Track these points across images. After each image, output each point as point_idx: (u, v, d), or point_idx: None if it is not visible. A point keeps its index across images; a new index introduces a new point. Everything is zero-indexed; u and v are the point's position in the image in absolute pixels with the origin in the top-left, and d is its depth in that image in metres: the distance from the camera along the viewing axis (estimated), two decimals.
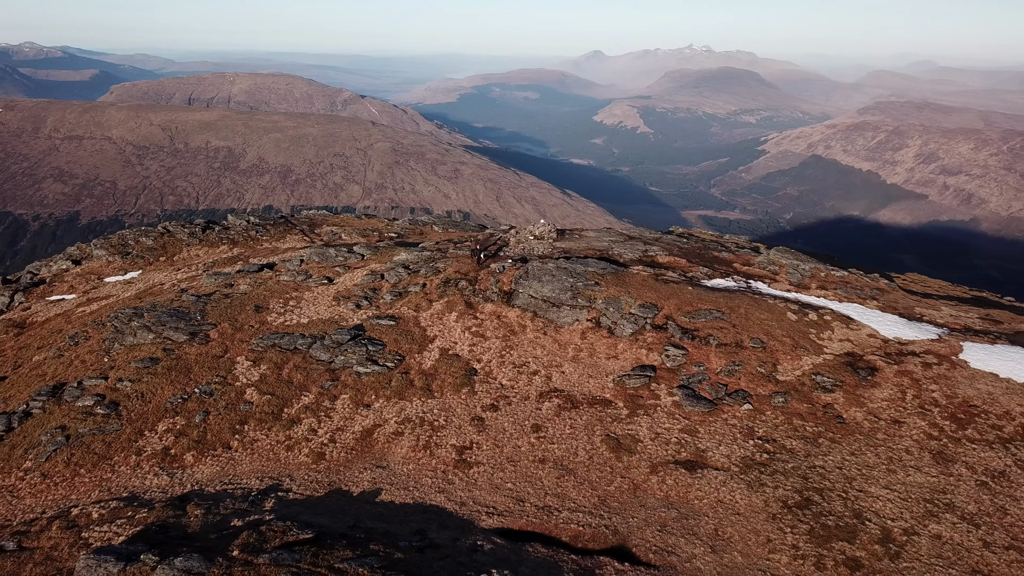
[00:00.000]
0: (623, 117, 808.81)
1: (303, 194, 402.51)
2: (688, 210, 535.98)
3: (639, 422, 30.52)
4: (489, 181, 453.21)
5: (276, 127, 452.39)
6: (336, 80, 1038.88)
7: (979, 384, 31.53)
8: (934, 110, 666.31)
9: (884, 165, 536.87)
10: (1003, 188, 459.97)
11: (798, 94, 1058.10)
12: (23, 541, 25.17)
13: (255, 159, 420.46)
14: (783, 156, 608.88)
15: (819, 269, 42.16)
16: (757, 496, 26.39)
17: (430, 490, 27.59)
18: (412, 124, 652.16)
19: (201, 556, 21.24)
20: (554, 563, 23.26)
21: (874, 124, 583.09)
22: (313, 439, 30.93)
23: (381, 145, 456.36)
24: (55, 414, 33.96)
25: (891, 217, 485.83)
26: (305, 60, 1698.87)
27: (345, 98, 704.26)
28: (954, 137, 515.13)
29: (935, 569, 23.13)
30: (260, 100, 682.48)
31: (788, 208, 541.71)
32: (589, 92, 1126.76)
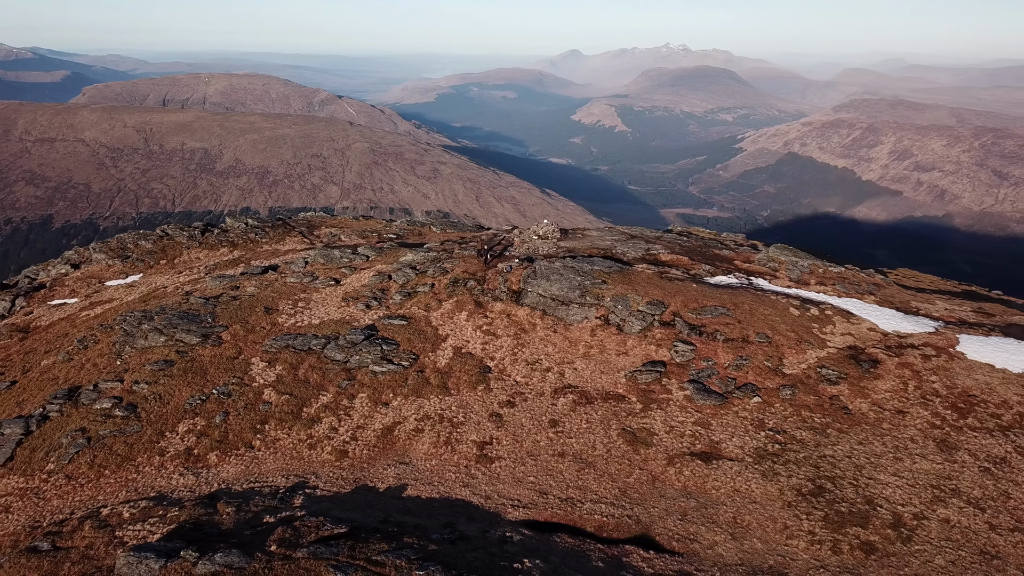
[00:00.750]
0: (601, 116, 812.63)
1: (281, 195, 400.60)
2: (667, 208, 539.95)
3: (653, 416, 31.49)
4: (468, 181, 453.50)
5: (253, 128, 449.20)
6: (312, 80, 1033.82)
7: (977, 375, 32.79)
8: (907, 107, 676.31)
9: (859, 162, 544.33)
10: (975, 184, 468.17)
11: (774, 92, 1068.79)
12: (56, 541, 25.53)
13: (232, 160, 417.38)
14: (760, 154, 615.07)
15: (817, 265, 43.44)
16: (772, 485, 27.42)
17: (455, 485, 28.35)
18: (390, 124, 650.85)
19: (240, 551, 21.81)
20: (582, 552, 24.11)
21: (849, 122, 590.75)
22: (335, 437, 31.57)
23: (359, 145, 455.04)
24: (73, 417, 34.26)
25: (866, 213, 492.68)
26: (280, 60, 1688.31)
27: (322, 98, 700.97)
28: (927, 134, 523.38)
29: (946, 551, 24.24)
30: (236, 101, 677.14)
31: (765, 205, 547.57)
32: (567, 91, 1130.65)
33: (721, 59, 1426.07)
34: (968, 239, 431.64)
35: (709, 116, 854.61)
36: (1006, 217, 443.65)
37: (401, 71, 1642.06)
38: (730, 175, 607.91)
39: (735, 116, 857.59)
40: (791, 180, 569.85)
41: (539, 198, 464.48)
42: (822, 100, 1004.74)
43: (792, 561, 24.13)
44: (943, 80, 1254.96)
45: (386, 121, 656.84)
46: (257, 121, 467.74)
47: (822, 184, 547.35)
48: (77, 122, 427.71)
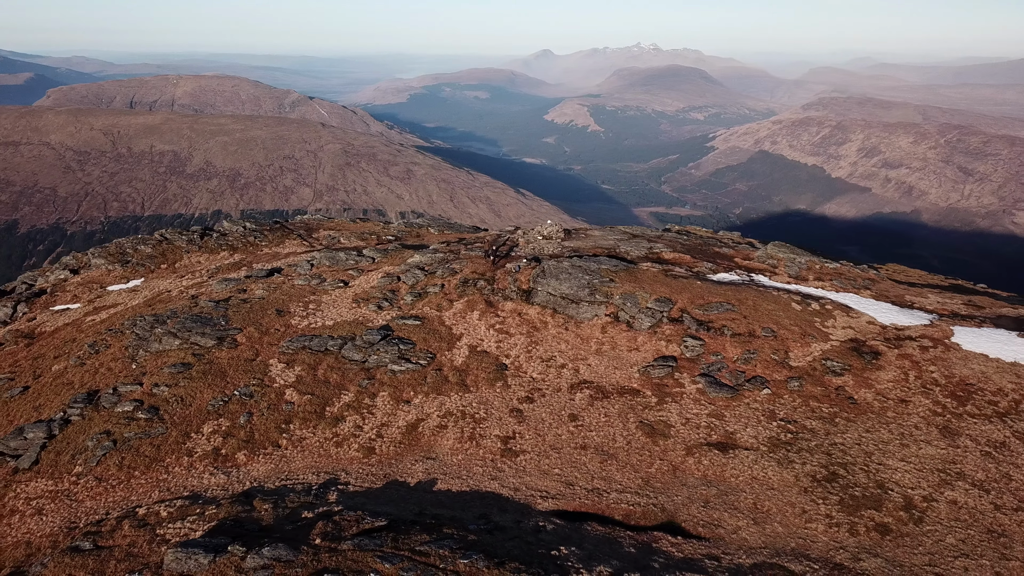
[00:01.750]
0: (574, 116, 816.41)
1: (253, 198, 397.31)
2: (640, 207, 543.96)
3: (669, 409, 32.69)
4: (442, 181, 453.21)
5: (223, 130, 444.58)
6: (283, 81, 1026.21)
7: (972, 364, 34.39)
8: (875, 105, 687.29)
9: (829, 159, 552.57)
10: (942, 180, 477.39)
11: (744, 91, 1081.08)
12: (97, 541, 26.07)
13: (202, 163, 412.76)
14: (731, 152, 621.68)
15: (814, 262, 44.99)
16: (787, 472, 28.72)
17: (483, 478, 29.31)
18: (362, 125, 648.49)
19: (286, 545, 22.62)
20: (613, 539, 25.20)
21: (818, 119, 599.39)
22: (360, 435, 32.36)
23: (331, 147, 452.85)
24: (95, 420, 34.68)
25: (836, 210, 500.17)
26: (249, 61, 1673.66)
27: (293, 99, 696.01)
28: (894, 131, 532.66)
29: (956, 531, 25.67)
30: (205, 103, 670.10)
31: (738, 203, 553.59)
32: (539, 91, 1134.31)
33: (692, 58, 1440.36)
34: (935, 234, 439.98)
35: (681, 115, 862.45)
36: (972, 212, 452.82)
37: (373, 72, 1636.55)
38: (702, 173, 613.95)
39: (706, 115, 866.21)
40: (762, 178, 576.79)
41: (513, 198, 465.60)
42: (791, 98, 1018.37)
43: (813, 543, 25.43)
44: (910, 78, 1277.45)
45: (358, 122, 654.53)
46: (227, 123, 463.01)
47: (793, 182, 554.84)
48: (42, 125, 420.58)
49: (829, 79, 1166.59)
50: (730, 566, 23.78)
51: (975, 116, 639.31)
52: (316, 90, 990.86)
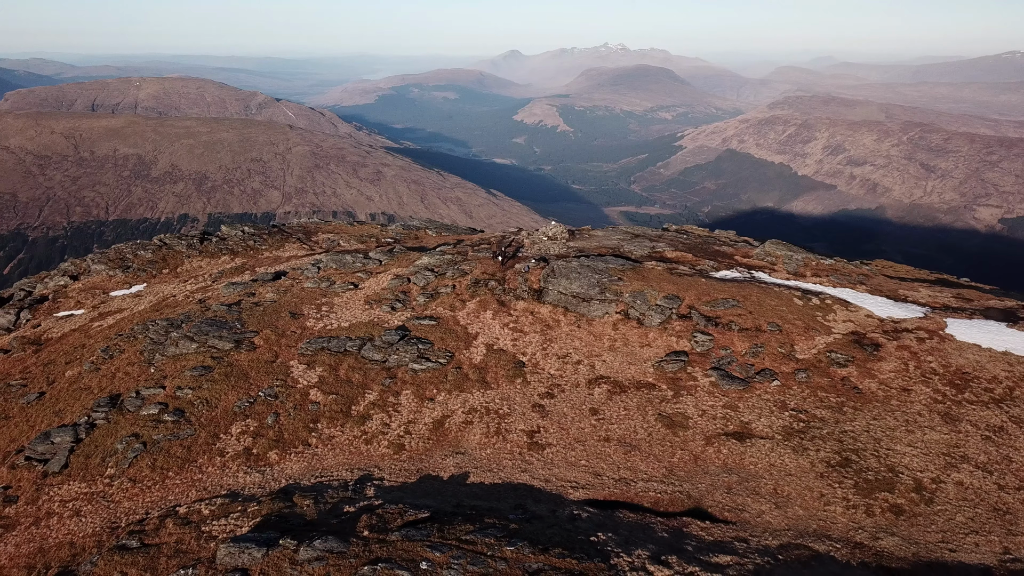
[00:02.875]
0: (543, 116, 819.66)
1: (220, 201, 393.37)
2: (610, 207, 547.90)
3: (685, 401, 34.11)
4: (413, 183, 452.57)
5: (189, 133, 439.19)
6: (248, 83, 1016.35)
7: (967, 354, 36.25)
8: (839, 104, 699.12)
9: (795, 157, 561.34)
10: (905, 177, 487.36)
11: (710, 90, 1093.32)
12: (144, 539, 26.77)
13: (167, 166, 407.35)
14: (699, 151, 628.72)
15: (810, 259, 46.78)
16: (803, 458, 30.25)
17: (513, 470, 30.45)
18: (330, 127, 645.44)
19: (336, 537, 23.60)
20: (646, 525, 26.50)
21: (784, 118, 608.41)
22: (389, 432, 33.33)
23: (300, 149, 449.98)
24: (121, 423, 35.21)
25: (803, 207, 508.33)
26: (213, 63, 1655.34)
27: (260, 101, 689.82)
28: (858, 129, 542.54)
29: (964, 510, 27.37)
30: (170, 105, 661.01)
31: (706, 201, 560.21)
32: (508, 91, 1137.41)
33: (659, 58, 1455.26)
34: (899, 230, 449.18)
35: (649, 115, 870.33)
36: (934, 208, 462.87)
37: (340, 73, 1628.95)
38: (671, 172, 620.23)
39: (674, 114, 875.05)
40: (730, 176, 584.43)
41: (485, 199, 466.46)
42: (757, 97, 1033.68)
43: (832, 524, 26.96)
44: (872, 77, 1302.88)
45: (326, 124, 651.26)
46: (193, 125, 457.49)
47: (760, 180, 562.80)
48: (0, 129, 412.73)
49: (794, 78, 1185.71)
50: (759, 547, 25.16)
51: (935, 114, 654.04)
52: (282, 92, 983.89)
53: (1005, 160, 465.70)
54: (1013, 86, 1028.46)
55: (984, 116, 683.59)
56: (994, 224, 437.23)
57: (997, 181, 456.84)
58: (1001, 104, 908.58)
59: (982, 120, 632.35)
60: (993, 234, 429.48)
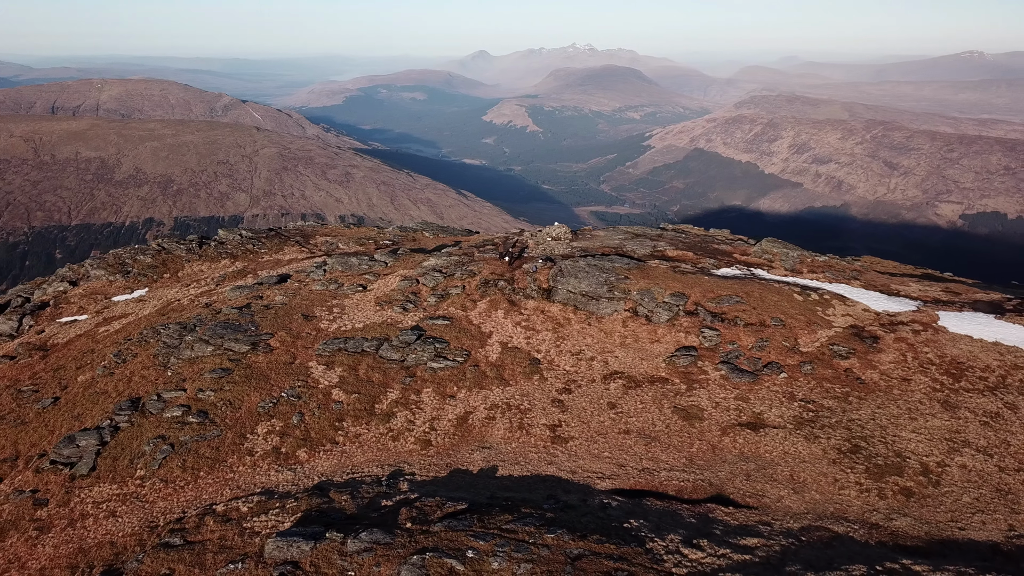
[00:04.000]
0: (512, 116, 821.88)
1: (187, 204, 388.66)
2: (580, 207, 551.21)
3: (698, 394, 35.52)
4: (382, 184, 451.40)
5: (153, 135, 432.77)
6: (213, 85, 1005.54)
7: (960, 345, 38.10)
8: (803, 103, 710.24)
9: (761, 156, 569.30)
10: (869, 175, 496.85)
11: (678, 89, 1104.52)
12: (186, 536, 27.49)
13: (131, 169, 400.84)
14: (668, 151, 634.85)
15: (805, 256, 48.54)
16: (815, 446, 31.79)
17: (540, 463, 31.58)
18: (298, 128, 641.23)
19: (380, 529, 24.53)
20: (673, 512, 27.78)
21: (750, 117, 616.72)
22: (414, 428, 34.29)
23: (267, 151, 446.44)
24: (145, 426, 35.76)
25: (770, 205, 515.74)
26: (177, 64, 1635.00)
27: (225, 103, 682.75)
28: (823, 128, 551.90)
29: (969, 491, 29.05)
30: (133, 107, 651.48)
31: (675, 201, 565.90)
32: (476, 92, 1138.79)
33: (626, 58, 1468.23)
34: (864, 227, 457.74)
35: (617, 114, 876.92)
36: (897, 205, 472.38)
37: (307, 74, 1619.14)
38: (640, 172, 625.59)
39: (642, 114, 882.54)
40: (698, 175, 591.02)
41: (456, 199, 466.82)
42: (724, 96, 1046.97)
43: (848, 507, 28.47)
44: (835, 76, 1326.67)
45: (293, 125, 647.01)
46: (157, 128, 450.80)
47: (728, 178, 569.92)
48: None
49: (759, 77, 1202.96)
50: (782, 530, 26.56)
51: (897, 112, 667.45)
52: (248, 93, 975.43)
53: (965, 157, 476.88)
54: (972, 85, 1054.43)
55: (944, 114, 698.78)
56: (955, 220, 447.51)
57: (958, 178, 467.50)
58: (961, 102, 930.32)
59: (942, 118, 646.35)
60: (955, 230, 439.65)
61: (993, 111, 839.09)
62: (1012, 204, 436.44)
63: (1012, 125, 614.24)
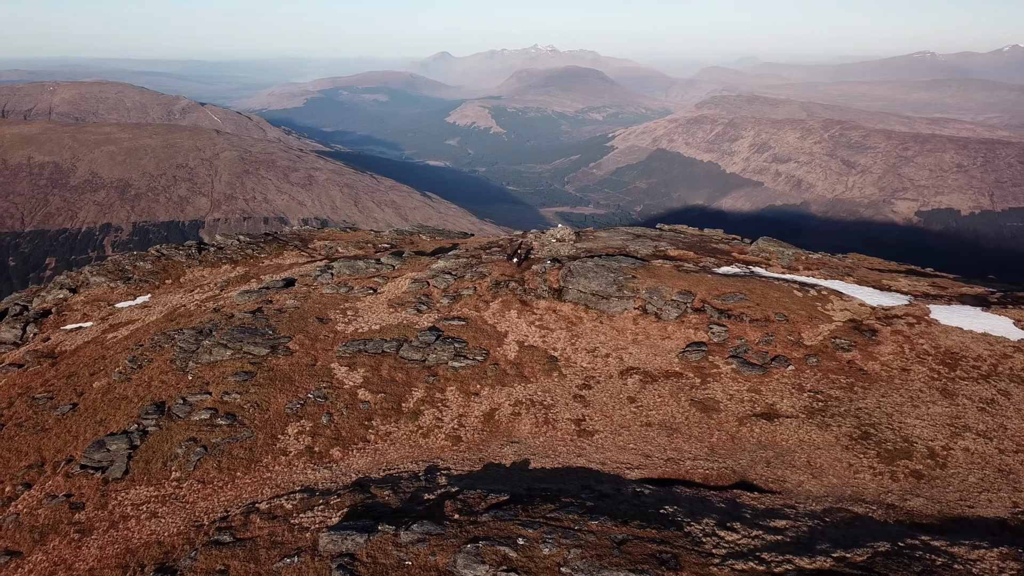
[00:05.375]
0: (475, 118, 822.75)
1: (145, 209, 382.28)
2: (546, 207, 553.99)
3: (712, 387, 37.19)
4: (346, 186, 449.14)
5: (109, 139, 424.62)
6: (169, 87, 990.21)
7: (953, 336, 40.31)
8: (763, 103, 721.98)
9: (723, 156, 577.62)
10: (827, 173, 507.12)
11: (639, 90, 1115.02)
12: (235, 534, 28.35)
13: (87, 174, 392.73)
14: (631, 151, 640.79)
15: (800, 253, 50.61)
16: (828, 433, 33.61)
17: (569, 456, 32.94)
18: (259, 131, 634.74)
19: (430, 521, 25.70)
20: (703, 498, 29.33)
21: (711, 117, 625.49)
22: (443, 425, 35.42)
23: (228, 154, 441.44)
24: (174, 429, 36.37)
25: (732, 204, 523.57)
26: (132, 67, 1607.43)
27: (183, 106, 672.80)
28: (782, 127, 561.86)
29: (974, 472, 31.07)
30: (87, 110, 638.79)
31: (639, 200, 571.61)
32: (439, 93, 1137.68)
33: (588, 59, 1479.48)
34: (824, 224, 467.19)
35: (580, 115, 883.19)
36: (855, 203, 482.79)
37: (266, 76, 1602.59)
38: (603, 172, 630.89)
39: (605, 115, 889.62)
40: (661, 175, 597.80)
41: (420, 201, 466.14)
42: (685, 97, 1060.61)
43: (864, 490, 30.29)
44: (794, 76, 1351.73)
45: (254, 128, 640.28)
46: (113, 131, 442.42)
47: (690, 178, 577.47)
48: None
49: (719, 78, 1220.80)
50: (806, 512, 28.25)
51: (854, 112, 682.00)
52: (206, 96, 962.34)
53: (919, 155, 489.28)
54: (924, 84, 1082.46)
55: (899, 113, 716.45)
56: (911, 217, 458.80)
57: (913, 176, 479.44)
58: (914, 101, 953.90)
59: (897, 117, 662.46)
60: (911, 226, 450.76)
61: (945, 110, 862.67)
62: (965, 201, 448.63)
63: (963, 124, 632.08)
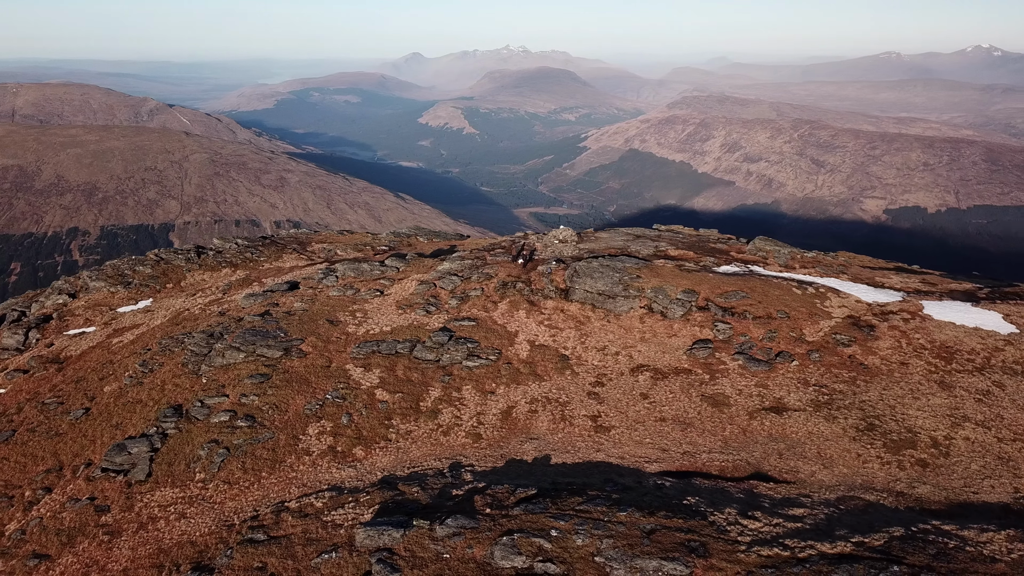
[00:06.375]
0: (448, 118, 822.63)
1: (113, 212, 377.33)
2: (520, 208, 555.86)
3: (721, 383, 38.42)
4: (318, 188, 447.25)
5: (75, 141, 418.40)
6: (137, 89, 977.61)
7: (946, 331, 41.92)
8: (733, 103, 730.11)
9: (695, 155, 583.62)
10: (797, 172, 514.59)
11: (611, 91, 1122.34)
12: (269, 532, 29.01)
13: (53, 177, 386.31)
14: (603, 151, 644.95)
15: (795, 252, 52.12)
16: (835, 425, 34.96)
17: (588, 451, 33.94)
18: (229, 133, 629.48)
19: (463, 516, 26.57)
20: (722, 489, 30.48)
21: (683, 118, 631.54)
22: (462, 423, 36.25)
23: (197, 156, 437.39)
24: (194, 432, 36.81)
25: (704, 204, 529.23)
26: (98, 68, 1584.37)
27: (151, 108, 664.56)
28: (753, 127, 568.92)
29: (976, 460, 32.55)
30: (51, 113, 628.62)
31: (612, 201, 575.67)
32: (411, 94, 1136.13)
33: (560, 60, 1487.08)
34: (794, 223, 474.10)
35: (553, 116, 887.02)
36: (825, 201, 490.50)
37: (236, 77, 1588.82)
38: (577, 173, 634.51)
39: (577, 115, 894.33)
40: (634, 175, 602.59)
41: (393, 202, 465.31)
42: (656, 97, 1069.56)
43: (874, 478, 31.64)
44: (763, 76, 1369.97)
45: (224, 130, 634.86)
46: (79, 134, 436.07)
47: (663, 178, 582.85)
48: None
49: (690, 79, 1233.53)
50: (821, 500, 29.52)
51: (822, 111, 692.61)
52: (174, 97, 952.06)
53: (887, 154, 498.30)
54: (891, 84, 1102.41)
55: (866, 113, 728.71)
56: (880, 215, 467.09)
57: (881, 174, 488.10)
58: (881, 101, 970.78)
59: (865, 117, 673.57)
60: (879, 224, 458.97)
61: (911, 109, 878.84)
62: (931, 199, 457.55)
63: (929, 123, 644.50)
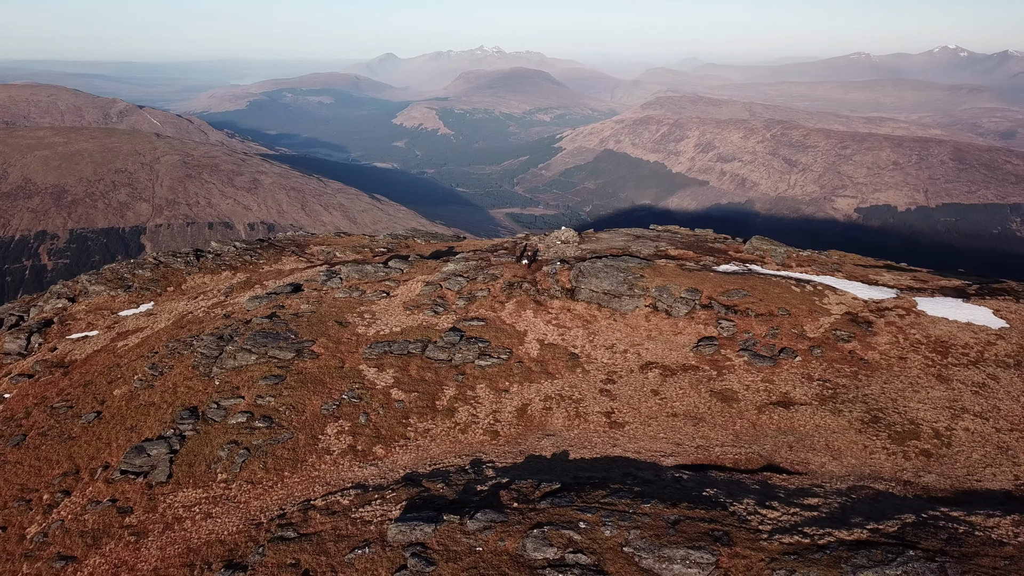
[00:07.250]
0: (423, 119, 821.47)
1: (83, 216, 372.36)
2: (496, 208, 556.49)
3: (728, 379, 39.51)
4: (292, 190, 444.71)
5: (42, 143, 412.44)
6: (105, 90, 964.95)
7: (940, 326, 43.39)
8: (707, 103, 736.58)
9: (669, 156, 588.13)
10: (770, 171, 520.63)
11: (586, 91, 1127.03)
12: (299, 529, 29.56)
13: (20, 180, 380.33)
14: (579, 152, 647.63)
15: (791, 251, 53.44)
16: (841, 418, 36.17)
17: (604, 446, 34.84)
18: (200, 134, 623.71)
19: (492, 510, 27.33)
20: (737, 481, 31.52)
21: (657, 118, 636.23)
22: (479, 421, 36.99)
23: (169, 158, 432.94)
24: (213, 433, 37.18)
25: (679, 203, 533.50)
26: (65, 68, 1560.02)
27: (120, 109, 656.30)
28: (726, 127, 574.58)
29: (976, 449, 33.91)
30: (17, 114, 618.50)
31: (587, 201, 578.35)
32: (385, 95, 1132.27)
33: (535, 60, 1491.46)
34: (768, 222, 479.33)
35: (528, 117, 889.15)
36: (798, 200, 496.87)
37: (206, 78, 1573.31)
38: (552, 173, 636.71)
39: (552, 116, 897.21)
40: (609, 176, 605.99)
41: (369, 204, 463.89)
42: (630, 98, 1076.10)
43: (881, 469, 32.86)
44: (735, 77, 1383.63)
45: (196, 131, 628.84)
46: (47, 135, 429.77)
47: (637, 178, 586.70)
48: None
49: (664, 79, 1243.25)
50: (834, 490, 30.65)
51: (794, 111, 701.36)
52: (144, 98, 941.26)
53: (857, 154, 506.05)
54: (860, 85, 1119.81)
55: (837, 113, 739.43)
56: (851, 213, 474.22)
57: (851, 173, 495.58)
58: (851, 101, 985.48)
59: (836, 117, 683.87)
60: (850, 222, 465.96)
61: (881, 109, 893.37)
62: (901, 197, 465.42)
63: (898, 123, 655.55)
